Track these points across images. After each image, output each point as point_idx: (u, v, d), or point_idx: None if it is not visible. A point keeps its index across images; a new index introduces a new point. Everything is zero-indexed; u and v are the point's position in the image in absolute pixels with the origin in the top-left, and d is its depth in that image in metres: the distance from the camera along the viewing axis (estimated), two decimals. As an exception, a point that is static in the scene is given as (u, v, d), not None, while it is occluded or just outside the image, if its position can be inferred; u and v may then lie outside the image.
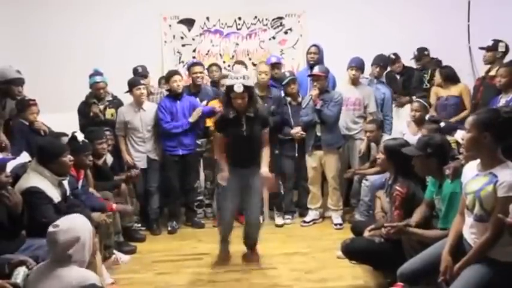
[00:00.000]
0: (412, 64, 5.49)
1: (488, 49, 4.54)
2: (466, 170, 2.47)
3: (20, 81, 3.89)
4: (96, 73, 4.58)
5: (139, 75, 4.81)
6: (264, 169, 3.62)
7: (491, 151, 2.28)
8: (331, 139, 4.50)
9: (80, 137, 3.62)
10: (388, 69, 5.33)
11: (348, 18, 5.81)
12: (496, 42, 4.53)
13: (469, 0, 5.92)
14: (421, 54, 5.34)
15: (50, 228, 2.20)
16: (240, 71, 3.62)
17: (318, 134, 4.51)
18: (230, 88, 3.48)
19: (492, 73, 4.50)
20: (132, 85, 4.51)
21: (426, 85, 5.13)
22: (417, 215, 2.91)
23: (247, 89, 3.48)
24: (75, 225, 2.23)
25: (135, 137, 4.58)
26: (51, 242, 2.19)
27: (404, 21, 5.78)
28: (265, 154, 3.70)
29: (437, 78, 4.75)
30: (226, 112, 3.61)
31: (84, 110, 4.59)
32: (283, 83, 4.63)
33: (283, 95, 4.72)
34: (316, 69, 4.49)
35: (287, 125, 4.66)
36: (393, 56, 5.39)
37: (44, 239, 2.66)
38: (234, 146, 3.64)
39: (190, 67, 4.87)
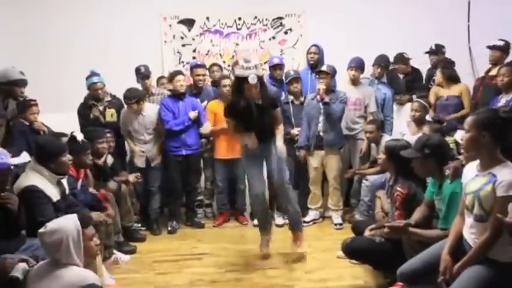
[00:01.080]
0: (416, 63, 5.41)
1: (499, 48, 4.51)
2: (466, 170, 2.47)
3: (22, 83, 3.89)
4: (93, 74, 4.56)
5: (141, 74, 4.79)
6: (279, 143, 3.67)
7: (491, 151, 2.28)
8: (333, 140, 4.50)
9: (79, 136, 3.63)
10: (391, 67, 5.27)
11: (348, 18, 5.81)
12: (507, 43, 4.51)
13: (469, 0, 5.92)
14: (439, 50, 5.23)
15: (40, 230, 2.21)
16: (250, 60, 3.51)
17: (321, 134, 4.51)
18: (243, 79, 3.45)
19: (492, 73, 4.49)
20: (124, 99, 4.49)
21: (431, 84, 5.09)
22: (417, 214, 2.91)
23: (259, 77, 3.49)
24: (59, 228, 2.20)
25: (136, 139, 4.58)
26: (41, 244, 2.20)
27: (404, 21, 5.78)
28: (279, 131, 3.74)
29: (438, 77, 4.73)
30: (236, 102, 3.60)
31: (83, 112, 4.57)
32: (286, 80, 4.63)
33: (284, 95, 4.72)
34: (325, 67, 4.49)
35: (288, 123, 4.66)
36: (406, 56, 5.23)
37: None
38: (246, 130, 3.67)
39: (193, 68, 4.86)
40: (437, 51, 5.23)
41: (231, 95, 3.73)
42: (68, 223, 2.26)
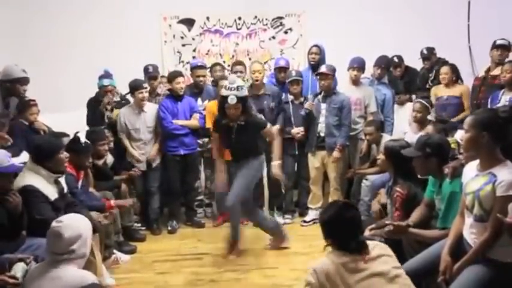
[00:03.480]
0: (416, 63, 5.42)
1: (505, 48, 4.49)
2: (466, 170, 2.47)
3: (25, 81, 3.90)
4: (105, 75, 4.55)
5: (149, 74, 4.76)
6: (275, 162, 3.98)
7: (490, 151, 2.28)
8: (335, 143, 4.51)
9: (83, 138, 3.63)
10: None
11: (348, 18, 5.82)
12: (509, 42, 4.51)
13: (469, 0, 5.92)
14: (430, 53, 5.20)
15: (54, 224, 2.25)
16: (235, 81, 3.73)
17: (322, 134, 4.52)
18: (224, 98, 3.67)
19: (494, 73, 4.48)
20: (134, 88, 4.46)
21: (429, 85, 5.09)
22: (415, 214, 2.91)
23: (241, 99, 3.68)
24: (78, 222, 2.29)
25: (136, 139, 4.55)
26: (55, 237, 2.21)
27: (404, 21, 5.78)
28: (276, 147, 3.99)
29: (449, 74, 4.66)
30: (220, 117, 3.85)
31: (92, 106, 4.55)
32: (287, 80, 4.64)
33: (284, 95, 4.73)
34: (324, 68, 4.50)
35: (288, 123, 4.67)
36: (396, 60, 5.22)
37: (44, 239, 2.68)
38: (226, 146, 3.96)
39: (193, 69, 4.84)
40: (430, 55, 5.20)
41: (217, 111, 3.93)
42: (83, 219, 2.36)
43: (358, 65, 4.70)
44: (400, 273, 2.07)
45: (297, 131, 4.59)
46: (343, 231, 2.08)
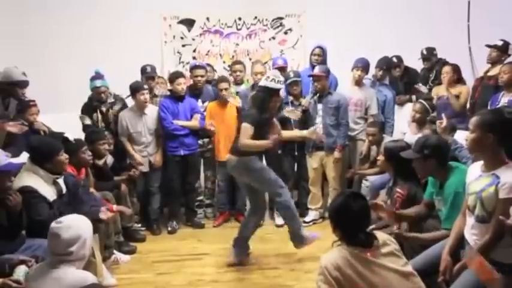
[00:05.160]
0: (416, 63, 5.42)
1: (497, 48, 4.51)
2: (470, 170, 2.46)
3: (24, 84, 3.91)
4: (97, 76, 4.53)
5: (147, 74, 4.76)
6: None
7: (495, 152, 2.27)
8: (333, 143, 4.51)
9: (71, 136, 3.65)
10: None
11: (348, 18, 5.81)
12: (506, 43, 4.52)
13: (469, 0, 5.92)
14: (430, 54, 5.19)
15: (53, 224, 2.26)
16: (279, 75, 3.66)
17: (319, 134, 4.53)
18: (276, 92, 3.55)
19: (491, 73, 4.49)
20: (135, 90, 4.44)
21: (430, 85, 5.09)
22: (412, 209, 2.92)
23: None
24: (77, 224, 2.29)
25: (138, 142, 4.54)
26: (54, 237, 2.22)
27: (404, 21, 5.77)
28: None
29: (449, 75, 4.66)
30: (261, 113, 3.55)
31: (86, 113, 4.55)
32: (287, 82, 4.64)
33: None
34: (317, 70, 4.50)
35: (288, 124, 4.66)
36: (395, 60, 5.20)
37: (43, 239, 2.69)
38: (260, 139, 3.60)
39: (192, 69, 4.85)
40: (429, 55, 5.18)
41: (257, 107, 3.57)
42: (84, 221, 2.36)
43: (362, 65, 4.71)
44: (413, 272, 2.07)
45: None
46: (351, 221, 2.05)
